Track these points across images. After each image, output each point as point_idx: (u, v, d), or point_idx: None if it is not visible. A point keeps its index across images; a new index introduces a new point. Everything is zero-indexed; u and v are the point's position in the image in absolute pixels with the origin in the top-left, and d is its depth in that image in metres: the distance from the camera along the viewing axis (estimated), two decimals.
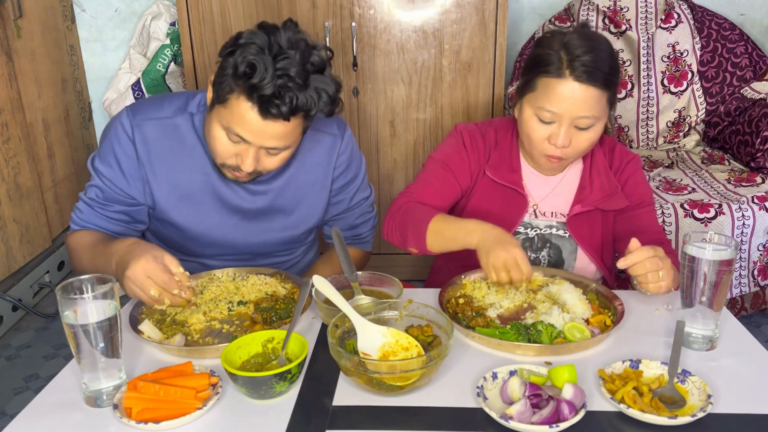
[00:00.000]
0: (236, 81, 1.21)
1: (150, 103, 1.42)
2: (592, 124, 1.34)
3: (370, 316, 1.12)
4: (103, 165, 1.39)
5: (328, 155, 1.49)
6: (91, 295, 0.98)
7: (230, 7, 2.48)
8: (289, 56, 1.19)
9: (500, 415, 0.92)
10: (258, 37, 1.20)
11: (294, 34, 1.22)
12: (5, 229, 2.48)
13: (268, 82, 1.18)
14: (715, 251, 1.10)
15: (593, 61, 1.29)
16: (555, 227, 1.48)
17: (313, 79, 1.22)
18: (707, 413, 0.94)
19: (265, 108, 1.20)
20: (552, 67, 1.31)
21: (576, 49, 1.30)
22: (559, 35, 1.35)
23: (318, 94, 1.23)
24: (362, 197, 1.59)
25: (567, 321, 1.18)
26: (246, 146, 1.27)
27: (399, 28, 2.48)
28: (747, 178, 2.45)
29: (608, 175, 1.48)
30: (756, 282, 2.38)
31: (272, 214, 1.48)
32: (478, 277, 1.36)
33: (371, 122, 2.62)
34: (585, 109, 1.31)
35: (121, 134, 1.38)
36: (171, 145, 1.39)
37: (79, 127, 3.12)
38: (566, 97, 1.31)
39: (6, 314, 2.49)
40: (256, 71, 1.18)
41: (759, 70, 2.85)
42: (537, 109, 1.34)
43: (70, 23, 3.05)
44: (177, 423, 0.94)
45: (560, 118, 1.33)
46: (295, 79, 1.19)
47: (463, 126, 1.52)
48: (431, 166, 1.50)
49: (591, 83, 1.30)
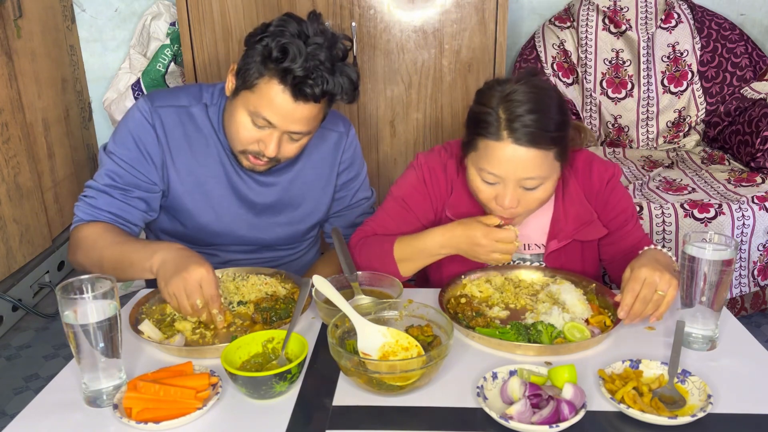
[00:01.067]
0: (267, 65, 1.26)
1: (167, 92, 1.46)
2: (540, 184, 1.25)
3: (370, 316, 1.12)
4: (121, 148, 1.40)
5: (333, 151, 1.54)
6: (91, 295, 0.98)
7: (230, 7, 2.48)
8: (318, 43, 1.26)
9: (500, 415, 0.92)
10: (288, 24, 1.26)
11: (320, 24, 1.29)
12: (5, 229, 2.48)
13: (301, 65, 1.24)
14: (715, 251, 1.10)
15: (536, 120, 1.19)
16: (529, 260, 1.43)
17: (338, 66, 1.29)
18: (707, 413, 0.94)
19: (299, 89, 1.25)
20: (490, 128, 1.21)
21: (517, 107, 1.19)
22: (499, 87, 1.24)
23: (343, 79, 1.29)
24: (363, 197, 1.62)
25: (567, 321, 1.19)
26: (270, 131, 1.31)
27: (399, 28, 2.48)
28: (747, 178, 2.45)
29: (583, 204, 1.39)
30: (756, 282, 2.38)
31: (280, 207, 1.51)
32: (478, 277, 1.36)
33: (371, 122, 2.62)
34: (529, 171, 1.22)
35: (140, 118, 1.40)
36: (187, 133, 1.42)
37: (79, 127, 3.12)
38: (506, 159, 1.21)
39: (6, 314, 2.49)
40: (289, 54, 1.24)
41: (759, 70, 2.85)
42: (479, 170, 1.26)
43: (70, 23, 3.05)
44: (177, 423, 0.94)
45: (504, 180, 1.24)
46: (325, 63, 1.26)
47: (425, 158, 1.43)
48: (390, 204, 1.44)
49: (533, 146, 1.19)
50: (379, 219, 1.44)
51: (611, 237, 1.41)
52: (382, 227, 1.42)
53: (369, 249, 1.37)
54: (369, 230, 1.43)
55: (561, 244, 1.40)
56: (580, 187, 1.40)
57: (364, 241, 1.39)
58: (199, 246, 1.51)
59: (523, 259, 1.44)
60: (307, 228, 1.58)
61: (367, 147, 2.65)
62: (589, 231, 1.39)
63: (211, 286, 1.16)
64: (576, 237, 1.40)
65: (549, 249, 1.41)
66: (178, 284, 1.15)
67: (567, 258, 1.42)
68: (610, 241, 1.42)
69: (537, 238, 1.43)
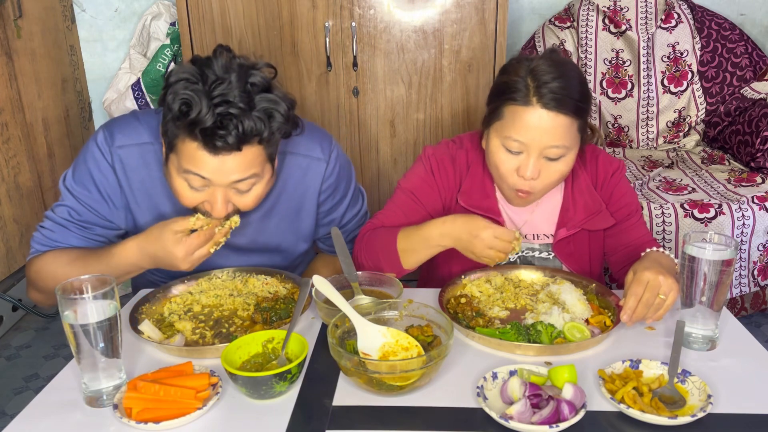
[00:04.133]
0: (177, 123, 1.13)
1: (127, 126, 1.33)
2: (563, 155, 1.28)
3: (370, 316, 1.12)
4: (81, 188, 1.33)
5: (311, 181, 1.41)
6: (91, 295, 0.98)
7: (230, 7, 2.48)
8: (225, 81, 1.10)
9: (500, 415, 0.92)
10: (187, 71, 1.12)
11: (228, 59, 1.13)
12: (5, 229, 2.48)
13: (206, 113, 1.08)
14: (715, 251, 1.10)
15: (562, 87, 1.24)
16: (538, 250, 1.44)
17: (258, 100, 1.13)
18: (707, 413, 0.94)
19: (211, 142, 1.11)
20: (518, 95, 1.25)
21: (543, 75, 1.24)
22: (525, 61, 1.30)
23: (267, 114, 1.14)
24: (353, 214, 1.52)
25: (567, 321, 1.18)
26: (211, 189, 1.19)
27: (399, 28, 2.49)
28: (747, 178, 2.45)
29: (591, 193, 1.42)
30: (756, 282, 2.38)
31: (258, 247, 1.43)
32: (478, 277, 1.36)
33: (371, 122, 2.62)
34: (554, 138, 1.25)
35: (99, 159, 1.31)
36: (151, 174, 1.32)
37: (79, 127, 3.12)
38: (534, 125, 1.24)
39: (6, 314, 2.49)
40: (192, 105, 1.09)
41: (759, 70, 2.85)
42: (504, 138, 1.28)
43: (70, 23, 3.05)
44: (177, 423, 0.94)
45: (528, 148, 1.27)
46: (237, 104, 1.10)
47: (432, 150, 1.45)
48: (399, 196, 1.45)
49: (560, 111, 1.24)
50: (388, 211, 1.45)
51: (614, 228, 1.44)
52: (390, 219, 1.43)
53: (374, 241, 1.38)
54: (378, 222, 1.43)
55: (570, 233, 1.41)
56: (588, 177, 1.44)
57: (371, 234, 1.40)
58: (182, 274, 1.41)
59: (532, 249, 1.44)
60: (294, 256, 1.50)
61: (367, 147, 2.65)
62: (597, 220, 1.41)
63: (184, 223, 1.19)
64: (584, 226, 1.41)
65: (558, 237, 1.42)
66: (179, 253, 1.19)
67: (575, 246, 1.44)
68: (613, 233, 1.44)
69: (546, 228, 1.44)
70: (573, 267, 1.43)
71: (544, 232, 1.44)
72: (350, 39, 2.49)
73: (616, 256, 1.45)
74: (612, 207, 1.43)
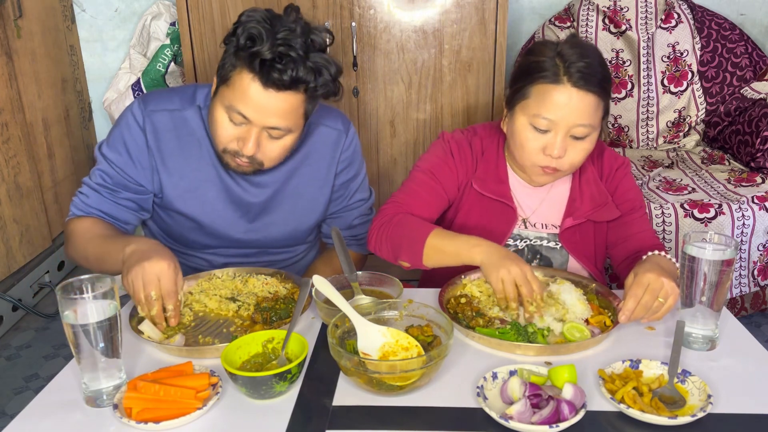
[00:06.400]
0: (238, 56, 1.24)
1: (161, 95, 1.44)
2: (588, 134, 1.32)
3: (370, 316, 1.12)
4: (112, 152, 1.40)
5: (332, 150, 1.50)
6: (91, 295, 0.98)
7: (230, 7, 2.48)
8: (290, 28, 1.22)
9: (500, 415, 0.92)
10: (260, 13, 1.23)
11: (296, 17, 1.25)
12: (5, 229, 2.48)
13: (269, 48, 1.20)
14: (715, 251, 1.11)
15: (588, 67, 1.28)
16: (546, 239, 1.45)
17: (313, 56, 1.24)
18: (707, 413, 0.94)
19: (267, 73, 1.21)
20: (548, 73, 1.29)
21: (570, 55, 1.29)
22: (551, 44, 1.34)
23: (318, 70, 1.24)
24: (361, 198, 1.59)
25: (566, 322, 1.18)
26: (248, 127, 1.28)
27: (399, 28, 2.48)
28: (747, 178, 2.45)
29: (598, 185, 1.45)
30: (756, 282, 2.38)
31: (274, 205, 1.49)
32: (478, 276, 1.36)
33: (371, 122, 2.62)
34: (582, 116, 1.29)
35: (132, 123, 1.40)
36: (180, 137, 1.41)
37: (79, 127, 3.12)
38: (563, 103, 1.28)
39: (6, 314, 2.49)
40: (256, 40, 1.20)
41: (759, 70, 2.85)
42: (532, 117, 1.31)
43: (70, 23, 3.05)
44: (177, 423, 0.94)
45: (556, 126, 1.30)
46: (297, 49, 1.21)
47: (450, 135, 1.48)
48: (418, 176, 1.45)
49: (588, 89, 1.28)
50: (409, 190, 1.45)
51: (617, 221, 1.46)
52: (412, 200, 1.42)
53: (405, 226, 1.34)
54: (404, 205, 1.41)
55: (576, 222, 1.43)
56: (595, 170, 1.47)
57: (403, 218, 1.37)
58: (195, 249, 1.51)
59: (540, 237, 1.45)
60: (304, 229, 1.55)
61: (367, 147, 2.65)
62: (603, 212, 1.44)
63: (170, 281, 1.15)
64: (590, 217, 1.43)
65: (564, 226, 1.43)
66: (137, 273, 1.15)
67: (581, 236, 1.45)
68: (616, 225, 1.46)
69: (554, 218, 1.46)
70: (579, 257, 1.45)
71: (552, 222, 1.46)
72: (350, 39, 2.48)
73: (617, 248, 1.46)
74: (616, 200, 1.46)
